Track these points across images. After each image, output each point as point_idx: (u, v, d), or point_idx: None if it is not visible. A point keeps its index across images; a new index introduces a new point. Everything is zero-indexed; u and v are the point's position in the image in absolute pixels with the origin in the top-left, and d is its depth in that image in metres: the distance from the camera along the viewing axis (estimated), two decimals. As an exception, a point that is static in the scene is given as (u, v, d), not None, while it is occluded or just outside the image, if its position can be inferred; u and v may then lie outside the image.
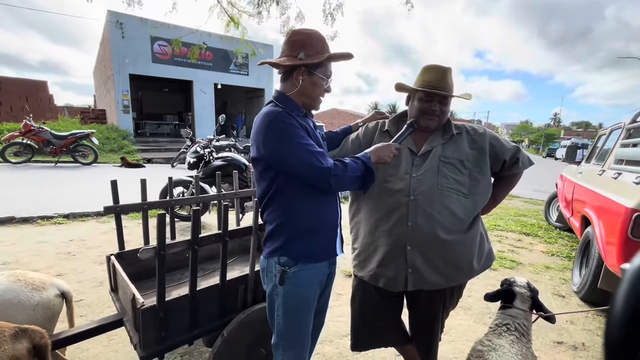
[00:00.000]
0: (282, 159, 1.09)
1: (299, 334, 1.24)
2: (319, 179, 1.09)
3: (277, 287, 1.17)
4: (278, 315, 1.21)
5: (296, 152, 1.07)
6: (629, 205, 2.23)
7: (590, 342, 2.35)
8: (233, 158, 4.19)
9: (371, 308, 1.53)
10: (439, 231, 1.32)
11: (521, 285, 1.40)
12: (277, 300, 1.19)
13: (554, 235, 4.91)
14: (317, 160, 1.08)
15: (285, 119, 1.09)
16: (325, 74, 1.19)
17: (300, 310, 1.21)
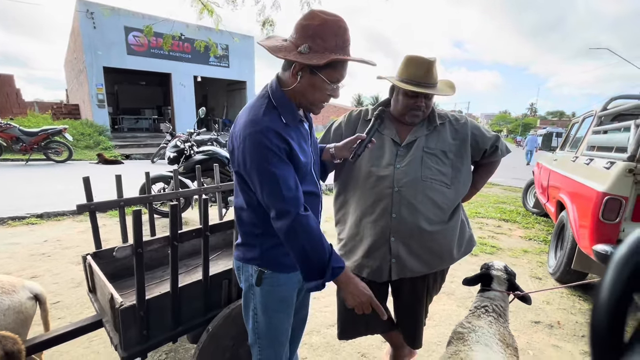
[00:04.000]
0: (254, 183, 0.99)
1: (277, 333, 1.20)
2: (277, 217, 0.98)
3: (254, 288, 1.12)
4: (255, 315, 1.17)
5: (267, 183, 0.96)
6: (600, 189, 2.33)
7: (565, 320, 2.47)
8: (214, 152, 4.10)
9: None
10: (422, 222, 1.34)
11: (498, 269, 1.45)
12: (254, 300, 1.15)
13: (532, 221, 5.09)
14: (286, 198, 0.96)
15: (267, 141, 0.94)
16: (331, 77, 0.97)
17: (278, 311, 1.17)
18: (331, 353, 2.00)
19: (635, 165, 2.19)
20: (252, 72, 16.62)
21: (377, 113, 1.31)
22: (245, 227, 1.11)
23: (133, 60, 13.16)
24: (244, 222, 1.11)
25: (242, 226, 1.13)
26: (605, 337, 0.28)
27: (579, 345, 2.19)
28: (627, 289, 0.29)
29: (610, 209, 2.24)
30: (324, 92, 1.00)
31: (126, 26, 12.64)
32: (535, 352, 2.10)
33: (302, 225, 0.97)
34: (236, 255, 1.17)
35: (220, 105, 19.11)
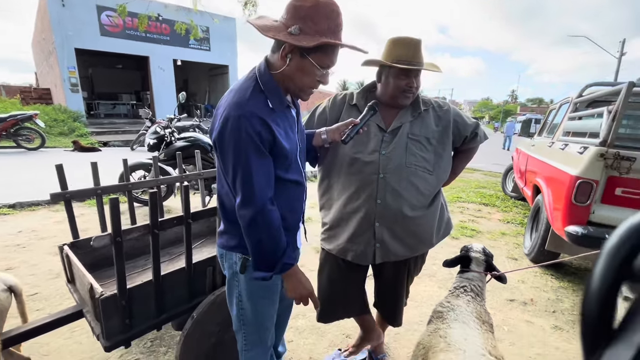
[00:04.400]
0: (227, 166, 0.97)
1: (262, 320, 1.21)
2: (242, 205, 0.97)
3: (238, 275, 1.12)
4: (240, 301, 1.17)
5: (241, 170, 0.94)
6: (573, 173, 2.43)
7: (537, 298, 2.61)
8: (196, 138, 4.00)
9: (338, 280, 1.57)
10: (405, 208, 1.38)
11: (477, 251, 1.51)
12: (238, 288, 1.15)
13: (510, 205, 5.28)
14: (255, 189, 0.95)
15: (249, 128, 0.92)
16: (321, 62, 0.95)
17: (264, 297, 1.18)
18: (317, 335, 2.05)
19: (606, 150, 2.29)
20: (234, 56, 16.12)
21: (370, 105, 1.29)
22: (229, 214, 1.09)
23: (107, 41, 12.49)
24: (227, 208, 1.09)
25: (225, 213, 1.11)
26: (595, 325, 0.28)
27: (550, 320, 2.33)
28: (617, 276, 0.29)
29: (582, 192, 2.35)
30: (313, 77, 0.98)
31: (98, 5, 11.93)
32: (509, 327, 2.22)
33: (265, 219, 0.98)
34: (219, 243, 1.15)
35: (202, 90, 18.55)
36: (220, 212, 1.13)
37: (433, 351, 1.08)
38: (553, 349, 2.04)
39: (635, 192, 2.28)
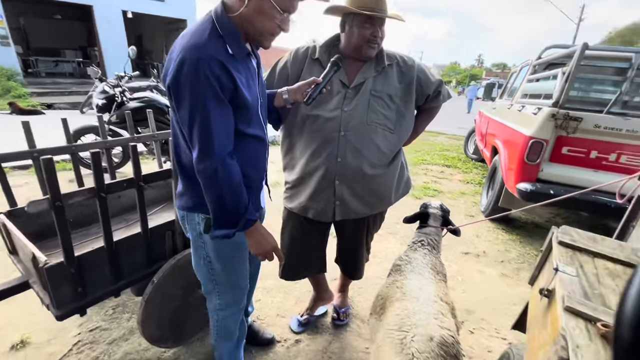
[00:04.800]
0: (182, 115, 0.89)
1: (236, 279, 1.21)
2: (200, 158, 0.91)
3: (203, 236, 1.09)
4: (209, 262, 1.15)
5: (199, 119, 0.87)
6: (527, 133, 2.56)
7: (489, 250, 2.84)
8: (151, 99, 3.69)
9: (301, 238, 1.60)
10: (366, 167, 1.37)
11: (435, 207, 1.58)
12: (205, 249, 1.12)
13: (470, 166, 5.55)
14: (214, 140, 0.89)
15: (208, 72, 0.85)
16: (281, 3, 0.90)
17: (233, 256, 1.17)
18: (284, 294, 2.11)
19: (558, 110, 2.41)
20: (192, 9, 14.68)
21: (334, 60, 1.22)
22: (187, 172, 1.03)
23: (39, -14, 10.81)
24: (185, 166, 1.03)
25: (183, 171, 1.04)
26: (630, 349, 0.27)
27: (498, 269, 2.56)
28: None
29: (533, 151, 2.49)
30: (273, 21, 0.93)
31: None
32: (463, 277, 2.42)
33: (225, 173, 0.93)
34: (179, 205, 1.10)
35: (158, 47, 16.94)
36: (178, 170, 1.06)
37: (390, 301, 1.14)
38: (499, 293, 2.26)
39: (579, 150, 2.46)
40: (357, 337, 1.81)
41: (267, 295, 2.08)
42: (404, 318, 1.00)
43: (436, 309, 1.05)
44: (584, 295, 0.69)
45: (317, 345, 1.73)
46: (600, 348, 0.55)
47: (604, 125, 2.36)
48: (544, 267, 1.01)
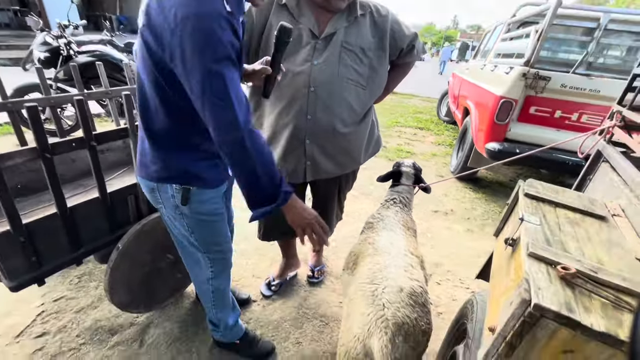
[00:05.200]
0: (191, 82, 0.76)
1: (220, 240, 1.19)
2: (223, 131, 0.80)
3: (180, 208, 1.02)
4: (193, 233, 1.10)
5: (215, 85, 0.75)
6: (498, 93, 2.59)
7: (456, 208, 2.98)
8: (104, 53, 3.31)
9: None
10: (337, 125, 1.33)
11: (407, 165, 1.59)
12: (184, 220, 1.06)
13: (442, 128, 5.65)
14: (236, 108, 0.78)
15: (219, 31, 0.73)
16: None
17: (214, 221, 1.12)
18: (258, 256, 2.12)
19: (528, 69, 2.43)
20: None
21: (277, 34, 0.98)
22: (160, 140, 0.92)
23: None
24: (159, 133, 0.92)
25: (156, 139, 0.93)
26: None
27: (464, 225, 2.70)
28: None
29: (503, 111, 2.54)
30: None
31: None
32: (432, 234, 2.54)
33: (254, 143, 0.83)
34: (147, 175, 0.98)
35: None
36: (147, 138, 0.93)
37: (362, 256, 1.16)
38: (465, 248, 2.40)
39: (546, 110, 2.54)
40: (331, 292, 1.87)
41: (241, 257, 2.08)
42: (376, 272, 1.02)
43: (406, 262, 1.08)
44: (546, 242, 0.72)
45: (292, 302, 1.78)
46: (559, 288, 0.58)
47: (569, 84, 2.43)
48: (509, 220, 1.05)
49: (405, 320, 0.88)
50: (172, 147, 0.94)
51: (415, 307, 0.93)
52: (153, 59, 0.79)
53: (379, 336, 0.86)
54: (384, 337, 0.85)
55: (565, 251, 0.70)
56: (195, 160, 0.97)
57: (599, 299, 0.57)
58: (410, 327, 0.89)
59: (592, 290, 0.59)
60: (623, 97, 1.28)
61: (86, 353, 1.41)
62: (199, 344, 1.49)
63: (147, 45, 0.79)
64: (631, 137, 1.13)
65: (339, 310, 1.74)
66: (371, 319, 0.90)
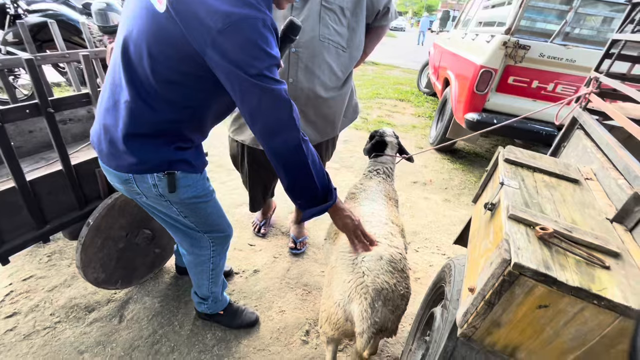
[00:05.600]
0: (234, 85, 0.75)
1: (219, 220, 1.16)
2: (276, 132, 0.81)
3: (168, 196, 0.96)
4: (186, 217, 1.06)
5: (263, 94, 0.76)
6: (479, 62, 2.57)
7: (435, 179, 3.04)
8: (58, 12, 2.98)
9: (260, 168, 1.57)
10: (319, 89, 1.30)
11: (390, 135, 1.57)
12: (174, 208, 1.02)
13: (422, 100, 5.65)
14: (286, 107, 0.80)
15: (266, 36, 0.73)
16: None
17: (208, 202, 1.09)
18: (240, 228, 2.09)
19: (509, 38, 2.42)
20: None
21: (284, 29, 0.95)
22: (144, 127, 0.84)
23: None
24: (144, 120, 0.83)
25: (138, 125, 0.84)
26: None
27: (442, 195, 2.78)
28: None
29: (483, 81, 2.54)
30: None
31: None
32: (411, 204, 2.59)
33: (307, 145, 0.87)
34: (118, 167, 0.89)
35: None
36: (130, 124, 0.83)
37: None
38: (442, 216, 2.48)
39: (523, 80, 2.56)
40: (313, 262, 1.89)
41: (222, 231, 2.05)
42: None
43: (386, 230, 1.10)
44: (524, 204, 0.74)
45: (275, 273, 1.79)
46: (537, 248, 0.60)
47: (547, 54, 2.45)
48: (487, 185, 1.07)
49: (384, 286, 0.91)
50: (160, 139, 0.87)
51: (394, 274, 0.95)
52: (180, 44, 0.73)
53: (359, 301, 0.88)
54: (364, 302, 0.87)
55: (542, 213, 0.71)
56: (182, 150, 0.92)
57: (573, 257, 0.59)
58: (389, 292, 0.91)
59: (567, 249, 0.60)
60: (600, 63, 1.29)
61: (62, 331, 1.37)
62: (182, 317, 1.48)
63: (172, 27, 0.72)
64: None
65: (321, 279, 1.77)
66: (351, 286, 0.91)
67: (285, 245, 1.99)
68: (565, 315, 0.56)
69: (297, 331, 1.48)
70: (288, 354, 1.38)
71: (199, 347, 1.37)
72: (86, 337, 1.35)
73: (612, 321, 0.52)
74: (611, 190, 0.83)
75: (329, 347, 1.17)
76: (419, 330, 1.23)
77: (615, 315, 0.51)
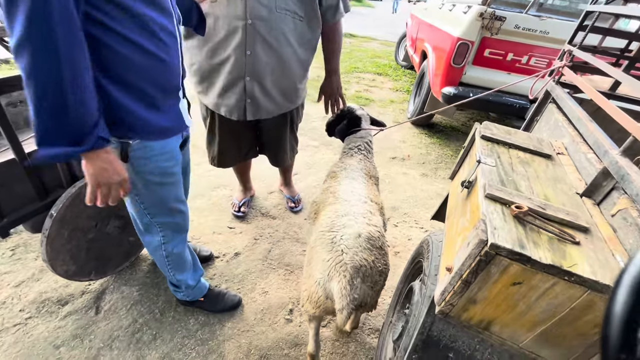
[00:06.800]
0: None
1: (171, 205, 1.09)
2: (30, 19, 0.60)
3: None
4: (137, 196, 1.00)
5: None
6: (455, 34, 2.54)
7: (413, 154, 3.07)
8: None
9: (229, 132, 1.56)
10: (276, 61, 1.30)
11: (359, 109, 1.58)
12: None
13: (400, 74, 5.59)
14: None
15: None
16: None
17: (165, 185, 1.02)
18: (218, 211, 2.04)
19: (486, 9, 2.38)
20: None
21: None
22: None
23: None
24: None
25: None
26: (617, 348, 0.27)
27: (419, 170, 2.82)
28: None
29: (460, 54, 2.52)
30: None
31: None
32: (390, 179, 2.61)
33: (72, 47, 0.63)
34: None
35: None
36: None
37: (323, 205, 1.16)
38: (420, 191, 2.52)
39: (499, 53, 2.56)
40: (295, 242, 1.89)
41: (199, 215, 2.00)
42: (335, 219, 1.03)
43: (365, 209, 1.10)
44: (500, 182, 0.74)
45: (256, 255, 1.78)
46: (513, 227, 0.60)
47: (522, 25, 2.44)
48: (464, 162, 1.07)
49: (362, 263, 0.92)
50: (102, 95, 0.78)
51: (373, 251, 0.97)
52: None
53: (338, 279, 0.89)
54: (343, 279, 0.89)
55: (517, 190, 0.72)
56: (127, 102, 0.82)
57: (545, 234, 0.61)
58: (367, 269, 0.93)
59: (540, 226, 0.61)
60: (574, 36, 1.29)
61: (34, 327, 1.31)
62: (163, 304, 1.46)
63: None
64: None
65: (303, 258, 1.78)
66: (331, 264, 0.92)
67: (266, 227, 1.97)
68: (537, 290, 0.57)
69: (281, 311, 1.49)
70: (273, 333, 1.39)
71: (182, 332, 1.36)
72: (61, 331, 1.31)
73: (581, 294, 0.54)
74: (581, 165, 0.85)
75: (312, 325, 1.19)
76: (399, 303, 1.27)
77: (584, 289, 0.53)
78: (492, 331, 0.67)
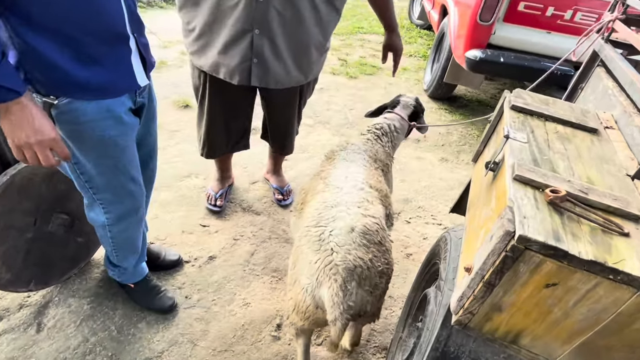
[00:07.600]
0: None
1: (117, 180, 1.12)
2: None
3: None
4: (76, 164, 1.03)
5: None
6: (483, -17, 2.50)
7: (429, 134, 3.06)
8: None
9: (222, 104, 1.59)
10: (292, 13, 1.31)
11: (409, 97, 1.66)
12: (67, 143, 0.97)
13: (415, 35, 5.54)
14: None
15: None
16: None
17: (105, 155, 1.05)
18: (188, 205, 2.04)
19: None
20: None
21: None
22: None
23: None
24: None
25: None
26: None
27: (438, 154, 2.81)
28: None
29: (488, 8, 2.49)
30: None
31: None
32: (401, 165, 2.61)
33: None
34: None
35: None
36: None
37: (311, 194, 1.17)
38: (438, 179, 2.52)
39: (536, 7, 2.53)
40: (283, 243, 1.90)
41: (164, 210, 1.99)
42: (322, 211, 1.04)
43: (361, 196, 1.10)
44: (533, 162, 0.74)
45: (236, 259, 1.78)
46: (547, 215, 0.60)
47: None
48: (490, 140, 1.07)
49: (357, 263, 0.92)
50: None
51: (370, 247, 0.97)
52: None
53: (328, 284, 0.90)
54: (334, 285, 0.89)
55: (554, 172, 0.71)
56: (53, 50, 0.83)
57: (587, 224, 0.60)
58: (364, 270, 0.93)
59: (581, 215, 0.61)
60: (629, -18, 1.27)
61: (-39, 348, 1.31)
62: (120, 320, 1.46)
63: None
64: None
65: (293, 263, 1.79)
66: (319, 267, 0.92)
67: (248, 225, 1.97)
68: (576, 293, 0.57)
69: (266, 326, 1.50)
70: (256, 353, 1.41)
71: (144, 353, 1.37)
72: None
73: (630, 297, 0.54)
74: (634, 141, 0.84)
75: (299, 340, 1.20)
76: (411, 315, 1.28)
77: (634, 290, 0.53)
78: (521, 345, 0.67)
